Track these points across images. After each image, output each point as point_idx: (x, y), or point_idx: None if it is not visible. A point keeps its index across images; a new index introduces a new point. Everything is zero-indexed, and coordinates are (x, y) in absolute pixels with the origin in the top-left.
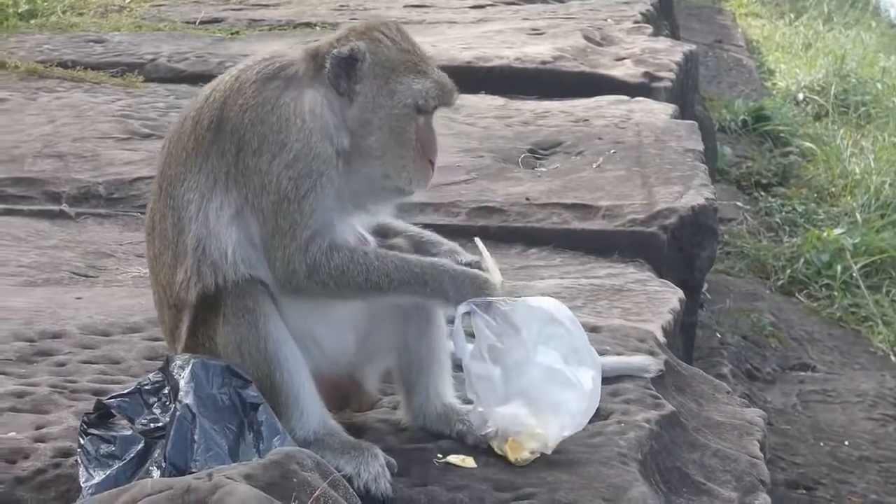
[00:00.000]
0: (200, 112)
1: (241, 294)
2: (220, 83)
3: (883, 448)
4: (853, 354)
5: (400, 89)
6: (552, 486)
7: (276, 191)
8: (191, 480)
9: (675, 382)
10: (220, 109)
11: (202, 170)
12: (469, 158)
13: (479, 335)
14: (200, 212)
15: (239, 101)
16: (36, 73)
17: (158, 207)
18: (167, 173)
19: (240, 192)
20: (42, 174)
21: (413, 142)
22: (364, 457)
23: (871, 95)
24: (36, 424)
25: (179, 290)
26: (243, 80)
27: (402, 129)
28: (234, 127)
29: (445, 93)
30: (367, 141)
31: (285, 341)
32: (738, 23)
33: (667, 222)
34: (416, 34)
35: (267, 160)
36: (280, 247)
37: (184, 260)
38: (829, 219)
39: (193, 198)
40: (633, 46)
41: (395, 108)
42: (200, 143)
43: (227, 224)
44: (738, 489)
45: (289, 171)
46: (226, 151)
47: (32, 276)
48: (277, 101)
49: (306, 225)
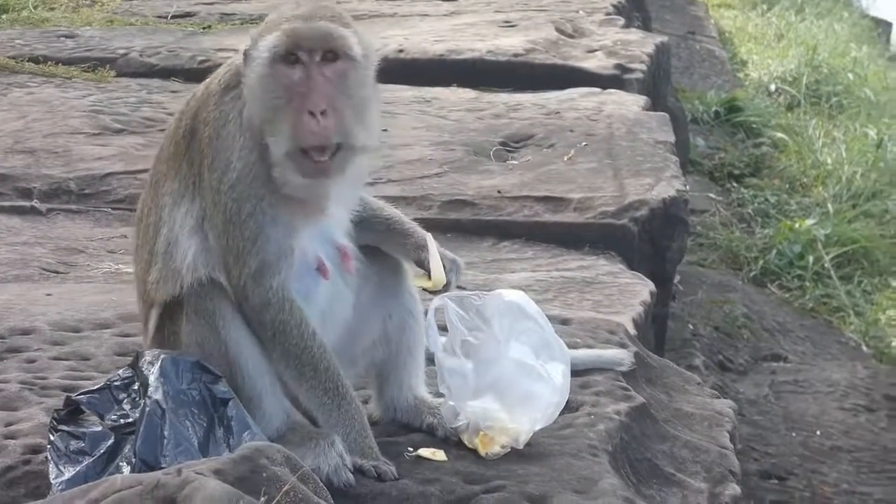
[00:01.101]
0: (181, 116)
1: (202, 295)
2: (199, 89)
3: (854, 438)
4: (825, 345)
5: (258, 49)
6: (522, 479)
7: (223, 211)
8: (160, 476)
9: (645, 374)
10: (192, 119)
11: (177, 175)
12: (441, 151)
13: (451, 329)
14: (171, 216)
15: (203, 113)
16: (7, 68)
17: (147, 201)
18: (156, 169)
19: (201, 204)
20: (13, 170)
21: (277, 98)
22: (321, 447)
23: (843, 86)
24: (5, 421)
25: (150, 288)
26: (210, 90)
27: (267, 87)
28: (199, 139)
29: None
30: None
31: (246, 344)
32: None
33: (637, 214)
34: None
35: (217, 178)
36: (235, 267)
37: (156, 261)
38: (801, 209)
39: (167, 202)
40: (605, 38)
41: (257, 69)
42: (178, 149)
43: (188, 233)
44: (708, 480)
45: (232, 193)
46: (194, 161)
47: (2, 273)
48: (228, 117)
49: (252, 251)
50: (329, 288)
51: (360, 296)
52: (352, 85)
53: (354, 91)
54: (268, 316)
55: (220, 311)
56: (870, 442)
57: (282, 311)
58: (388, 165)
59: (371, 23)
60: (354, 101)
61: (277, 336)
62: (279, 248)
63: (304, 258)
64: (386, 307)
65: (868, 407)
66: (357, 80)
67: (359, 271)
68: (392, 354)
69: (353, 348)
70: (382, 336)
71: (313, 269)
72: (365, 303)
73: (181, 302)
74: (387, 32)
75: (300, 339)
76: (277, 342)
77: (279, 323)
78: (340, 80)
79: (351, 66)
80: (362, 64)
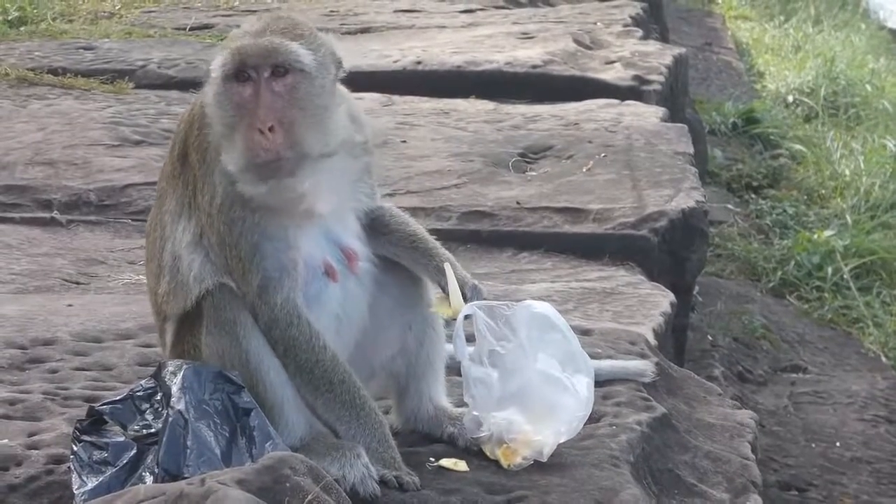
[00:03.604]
0: (175, 139)
1: (221, 306)
2: (188, 111)
3: (874, 449)
4: (844, 356)
5: (211, 73)
6: (544, 490)
7: (217, 232)
8: (183, 486)
9: (666, 385)
10: (183, 143)
11: (174, 193)
12: (459, 163)
13: (479, 338)
14: (172, 232)
15: (190, 138)
16: (26, 80)
17: (153, 215)
18: (160, 185)
19: (197, 222)
20: (33, 182)
21: (230, 116)
22: (347, 458)
23: (861, 97)
24: (28, 432)
25: (161, 301)
26: (194, 114)
27: (221, 105)
28: (190, 163)
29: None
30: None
31: (267, 354)
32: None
33: (657, 225)
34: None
35: (207, 201)
36: (242, 285)
37: (164, 274)
38: (819, 221)
39: (168, 219)
40: (623, 50)
41: (212, 88)
42: (175, 168)
43: (189, 248)
44: (729, 490)
45: (221, 216)
46: (188, 182)
47: (24, 284)
48: (212, 142)
49: (251, 269)
50: (340, 290)
51: (380, 306)
52: (304, 97)
53: (307, 102)
54: (277, 332)
55: (240, 321)
56: (890, 453)
57: (290, 327)
58: (407, 177)
59: (389, 35)
60: (309, 113)
61: (289, 352)
62: (279, 263)
63: (311, 263)
64: (406, 318)
65: (888, 418)
66: (310, 91)
67: (378, 280)
68: (412, 365)
69: (372, 360)
70: (402, 348)
71: (321, 273)
72: (384, 313)
73: (199, 314)
74: (405, 44)
75: (311, 353)
76: (290, 357)
77: (289, 339)
78: (291, 94)
79: (301, 78)
80: (315, 75)
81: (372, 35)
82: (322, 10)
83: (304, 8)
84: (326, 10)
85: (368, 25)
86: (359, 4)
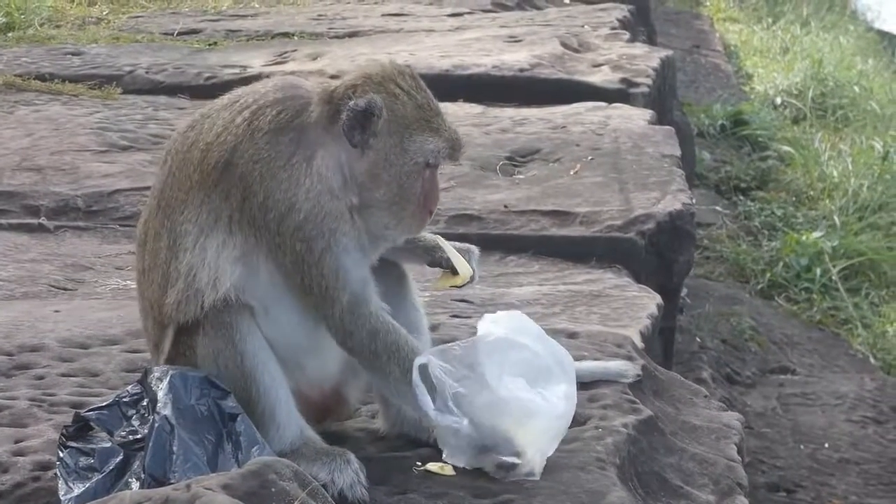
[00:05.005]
0: (210, 147)
1: (220, 308)
2: (232, 123)
3: (863, 450)
4: (833, 357)
5: (413, 148)
6: (530, 493)
7: (290, 252)
8: (169, 491)
9: (652, 387)
10: (231, 153)
11: (203, 205)
12: (448, 166)
13: (439, 385)
14: (197, 244)
15: (250, 150)
16: (13, 86)
17: (153, 225)
18: (167, 195)
19: (247, 239)
20: (20, 187)
21: (418, 196)
22: (337, 463)
23: (849, 99)
24: (14, 438)
25: (169, 310)
26: (256, 127)
27: (411, 185)
28: (241, 174)
29: (455, 149)
30: (374, 194)
31: (263, 358)
32: (716, 28)
33: (644, 228)
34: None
35: (275, 218)
36: (324, 307)
37: (175, 283)
38: (807, 222)
39: (192, 229)
40: (611, 52)
41: (406, 167)
42: (205, 179)
43: (231, 262)
44: (715, 492)
45: (300, 233)
46: (230, 196)
47: (11, 290)
48: (290, 160)
49: (338, 287)
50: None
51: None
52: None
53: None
54: (380, 343)
55: (237, 324)
56: (878, 454)
57: (389, 333)
58: None
59: (377, 38)
60: None
61: (393, 357)
62: (361, 276)
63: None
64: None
65: (876, 419)
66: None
67: None
68: None
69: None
70: None
71: None
72: None
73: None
74: (393, 48)
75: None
76: (394, 362)
77: (391, 344)
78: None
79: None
80: None
81: (360, 39)
82: (310, 14)
83: (292, 12)
84: (315, 14)
85: (356, 29)
86: (347, 9)
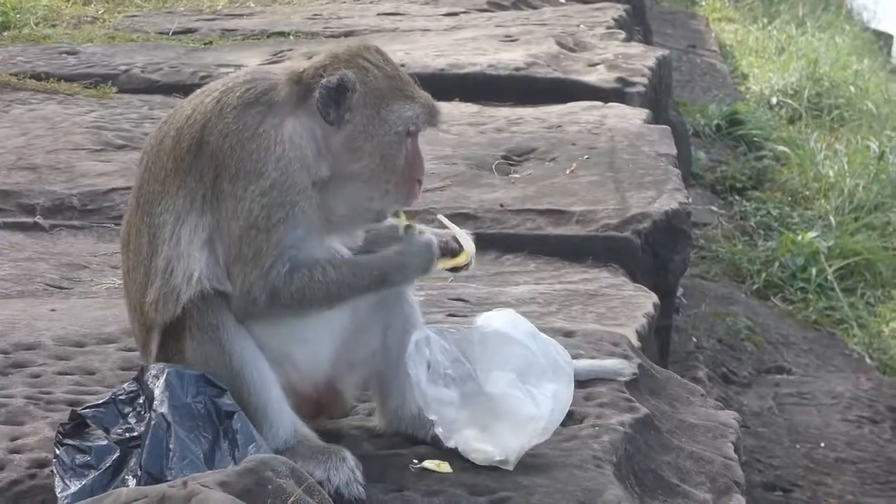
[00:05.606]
0: (181, 132)
1: (204, 310)
2: (201, 104)
3: (858, 449)
4: (828, 357)
5: (391, 117)
6: (528, 490)
7: (246, 217)
8: (166, 488)
9: (649, 386)
10: (201, 132)
11: (179, 191)
12: (443, 165)
13: (433, 361)
14: (174, 234)
15: (219, 125)
16: (9, 85)
17: (135, 223)
18: (145, 189)
19: (213, 217)
20: (16, 186)
21: (401, 165)
22: (333, 461)
23: (844, 98)
24: (11, 436)
25: (149, 311)
26: (225, 103)
27: (393, 155)
28: (213, 151)
29: (433, 114)
30: (354, 167)
31: (251, 357)
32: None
33: (640, 227)
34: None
35: (242, 186)
36: (241, 274)
37: (154, 281)
38: (803, 222)
39: (169, 219)
40: (606, 52)
41: (388, 136)
42: (179, 164)
43: (199, 247)
44: (712, 490)
45: (262, 199)
46: (204, 175)
47: (6, 289)
48: (258, 129)
49: (270, 253)
50: None
51: (359, 306)
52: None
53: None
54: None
55: (223, 324)
56: (874, 453)
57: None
58: None
59: (372, 38)
60: None
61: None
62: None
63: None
64: (385, 317)
65: (872, 419)
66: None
67: None
68: (393, 365)
69: (352, 357)
70: (382, 346)
71: None
72: (363, 313)
73: (183, 319)
74: (388, 47)
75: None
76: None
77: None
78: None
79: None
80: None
81: (355, 38)
82: (305, 13)
83: (288, 11)
84: (310, 13)
85: (352, 29)
86: (342, 8)
